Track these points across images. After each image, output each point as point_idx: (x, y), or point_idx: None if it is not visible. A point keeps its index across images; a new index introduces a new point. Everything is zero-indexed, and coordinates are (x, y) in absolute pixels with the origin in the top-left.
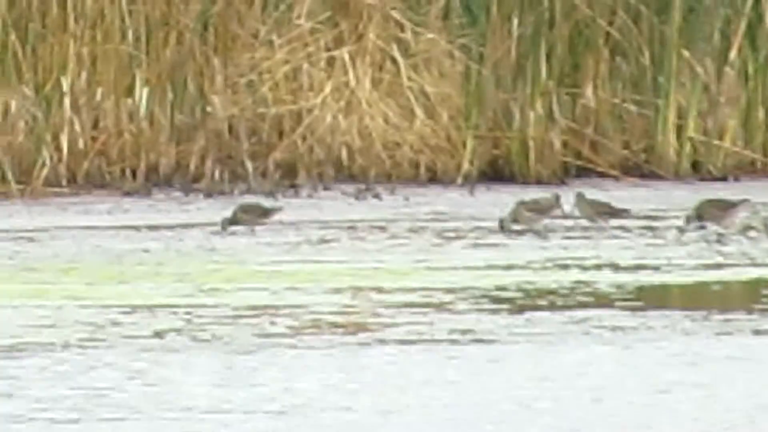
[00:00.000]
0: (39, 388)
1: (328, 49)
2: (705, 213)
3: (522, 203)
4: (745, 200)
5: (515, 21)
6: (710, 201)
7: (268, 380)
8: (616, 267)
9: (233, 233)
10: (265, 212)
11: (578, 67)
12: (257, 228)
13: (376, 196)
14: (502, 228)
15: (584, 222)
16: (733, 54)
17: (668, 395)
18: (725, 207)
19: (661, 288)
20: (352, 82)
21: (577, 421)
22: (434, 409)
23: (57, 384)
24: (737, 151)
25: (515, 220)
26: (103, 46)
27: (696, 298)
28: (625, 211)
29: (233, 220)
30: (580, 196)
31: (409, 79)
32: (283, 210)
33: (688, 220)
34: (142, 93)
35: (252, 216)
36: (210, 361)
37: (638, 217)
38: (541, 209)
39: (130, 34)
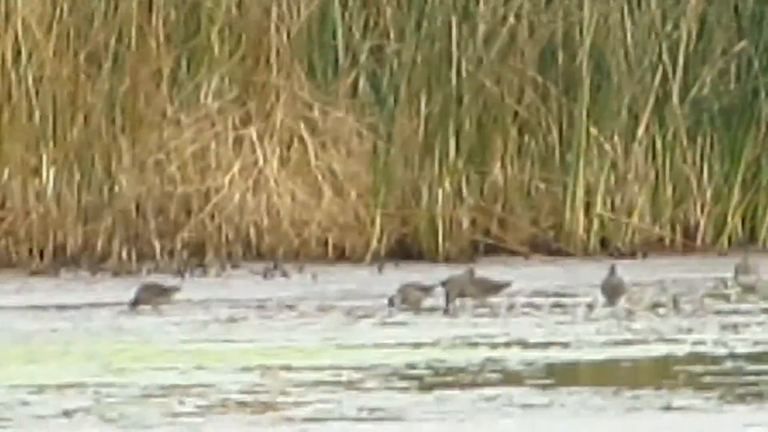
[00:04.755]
0: None
1: (236, 128)
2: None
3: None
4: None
5: (423, 100)
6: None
7: None
8: (525, 344)
9: (141, 312)
10: (164, 291)
11: (486, 145)
12: (165, 307)
13: (285, 274)
14: (392, 305)
15: (493, 300)
16: (641, 131)
17: None
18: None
19: (571, 365)
20: (260, 161)
21: None
22: None
23: None
24: (645, 228)
25: (404, 300)
26: (10, 126)
27: (606, 375)
28: (507, 284)
29: (137, 301)
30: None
31: (317, 157)
32: (181, 290)
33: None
34: (49, 173)
35: (151, 295)
36: None
37: (546, 295)
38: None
39: (37, 114)
